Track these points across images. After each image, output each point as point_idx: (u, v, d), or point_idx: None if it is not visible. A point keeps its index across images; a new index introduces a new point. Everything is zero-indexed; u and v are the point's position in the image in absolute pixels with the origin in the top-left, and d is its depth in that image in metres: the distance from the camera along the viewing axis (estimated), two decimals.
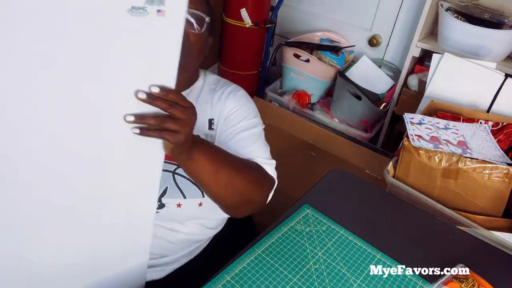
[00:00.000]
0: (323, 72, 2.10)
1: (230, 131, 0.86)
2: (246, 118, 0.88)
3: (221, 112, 0.88)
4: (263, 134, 0.90)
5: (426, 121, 1.14)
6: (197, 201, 0.84)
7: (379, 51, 2.23)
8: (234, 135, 0.85)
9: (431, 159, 1.02)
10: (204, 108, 0.88)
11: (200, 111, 0.86)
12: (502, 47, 1.63)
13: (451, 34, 1.68)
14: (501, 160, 1.00)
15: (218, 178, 0.71)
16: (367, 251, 0.82)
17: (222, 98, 0.89)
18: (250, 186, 0.77)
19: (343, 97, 2.02)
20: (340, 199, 0.97)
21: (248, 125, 0.87)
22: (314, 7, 2.34)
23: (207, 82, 0.93)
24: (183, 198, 0.83)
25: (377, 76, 2.14)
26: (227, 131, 0.86)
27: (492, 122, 1.17)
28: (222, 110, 0.88)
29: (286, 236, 0.83)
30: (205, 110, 0.88)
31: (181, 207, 0.83)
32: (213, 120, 0.88)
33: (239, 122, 0.87)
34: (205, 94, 0.91)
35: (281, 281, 0.72)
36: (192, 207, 0.84)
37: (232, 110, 0.88)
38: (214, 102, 0.89)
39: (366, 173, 1.66)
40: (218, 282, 0.71)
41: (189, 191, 0.83)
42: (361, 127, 2.03)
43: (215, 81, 0.95)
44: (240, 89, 0.94)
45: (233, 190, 0.74)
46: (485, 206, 1.01)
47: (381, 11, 2.14)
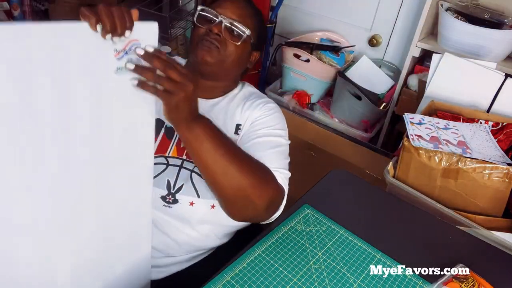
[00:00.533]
0: (323, 72, 2.10)
1: (250, 134, 0.87)
2: (269, 127, 0.89)
3: (248, 118, 0.91)
4: (285, 147, 0.88)
5: (426, 121, 1.14)
6: (210, 203, 0.85)
7: (379, 51, 2.23)
8: (251, 139, 0.86)
9: (431, 159, 1.02)
10: (234, 112, 0.92)
11: (229, 116, 0.91)
12: (502, 47, 1.63)
13: (451, 34, 1.68)
14: (501, 160, 1.00)
15: (216, 159, 0.71)
16: (367, 251, 0.82)
17: (253, 106, 0.92)
18: (250, 181, 0.73)
19: (343, 97, 2.02)
20: (340, 199, 0.97)
21: (269, 133, 0.87)
22: (314, 7, 2.34)
23: (243, 92, 0.98)
24: (197, 197, 0.84)
25: (377, 76, 2.14)
26: (248, 134, 0.88)
27: (492, 122, 1.17)
28: (250, 116, 0.91)
29: (286, 236, 0.83)
30: (235, 115, 0.91)
31: (193, 206, 0.84)
32: (241, 125, 0.91)
33: (261, 129, 0.88)
34: (237, 101, 0.94)
35: (281, 281, 0.72)
36: (204, 208, 0.85)
37: (258, 118, 0.90)
38: (245, 108, 0.92)
39: (366, 173, 1.66)
40: (218, 282, 0.71)
41: (203, 192, 0.84)
42: (361, 127, 2.03)
43: (250, 92, 0.99)
44: (273, 102, 0.97)
45: (231, 178, 0.72)
46: (485, 206, 1.01)
47: (381, 11, 2.14)
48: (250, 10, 0.91)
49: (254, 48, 0.94)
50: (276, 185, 0.78)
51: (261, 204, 0.75)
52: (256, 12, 0.93)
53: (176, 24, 2.45)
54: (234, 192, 0.73)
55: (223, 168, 0.71)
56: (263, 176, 0.77)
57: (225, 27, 0.86)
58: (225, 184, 0.73)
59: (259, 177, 0.75)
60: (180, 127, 0.69)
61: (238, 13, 0.87)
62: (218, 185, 0.74)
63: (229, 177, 0.72)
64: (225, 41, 0.86)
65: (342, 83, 2.00)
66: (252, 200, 0.74)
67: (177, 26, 2.45)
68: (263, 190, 0.75)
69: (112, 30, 0.56)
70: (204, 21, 0.87)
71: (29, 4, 2.03)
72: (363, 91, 1.94)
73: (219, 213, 0.82)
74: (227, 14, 0.86)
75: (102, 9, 0.55)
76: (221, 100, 0.94)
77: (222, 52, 0.86)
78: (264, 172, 0.78)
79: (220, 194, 0.75)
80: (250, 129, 0.89)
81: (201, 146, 0.70)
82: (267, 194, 0.75)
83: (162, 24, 2.30)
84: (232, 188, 0.73)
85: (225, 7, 0.87)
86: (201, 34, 0.86)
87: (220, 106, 0.93)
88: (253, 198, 0.74)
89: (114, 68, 0.59)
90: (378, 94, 2.04)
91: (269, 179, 0.78)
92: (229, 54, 0.87)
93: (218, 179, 0.73)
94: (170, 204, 0.84)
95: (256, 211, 0.76)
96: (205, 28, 0.86)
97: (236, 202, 0.75)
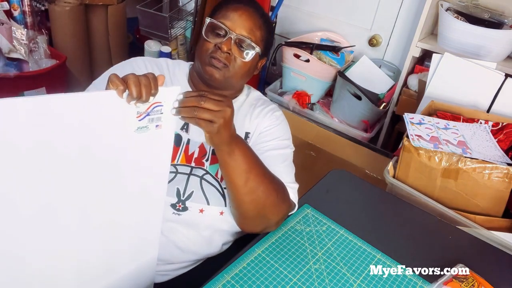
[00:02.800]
0: (323, 72, 2.10)
1: (261, 146, 0.89)
2: (278, 138, 0.91)
3: (257, 127, 0.92)
4: (291, 156, 0.92)
5: (426, 121, 1.14)
6: (219, 209, 0.86)
7: (379, 51, 2.23)
8: (263, 151, 0.87)
9: (431, 159, 1.02)
10: (243, 121, 0.92)
11: (238, 124, 0.90)
12: (502, 47, 1.63)
13: (451, 34, 1.68)
14: (501, 160, 1.00)
15: (248, 180, 0.75)
16: (367, 251, 0.82)
17: (261, 115, 0.94)
18: (272, 200, 0.78)
19: (343, 97, 2.01)
20: (340, 199, 0.97)
21: (279, 145, 0.90)
22: (314, 7, 2.34)
23: (249, 98, 0.98)
24: (206, 205, 0.85)
25: (377, 76, 2.14)
26: (258, 145, 0.89)
27: (492, 122, 1.17)
28: (259, 125, 0.92)
29: (286, 236, 0.83)
30: (243, 123, 0.92)
31: (203, 213, 0.85)
32: (249, 133, 0.92)
33: (271, 140, 0.90)
34: (245, 108, 0.95)
35: (281, 281, 0.72)
36: (213, 215, 0.86)
37: (267, 127, 0.92)
38: (253, 117, 0.93)
39: (366, 173, 1.66)
40: (218, 282, 0.71)
41: (213, 199, 0.85)
42: (361, 127, 2.03)
43: (257, 98, 0.99)
44: (279, 109, 0.99)
45: (256, 199, 0.77)
46: (485, 206, 1.01)
47: (381, 11, 2.14)
48: (259, 20, 0.88)
49: (262, 57, 0.93)
50: (289, 202, 0.84)
51: (275, 220, 0.82)
52: (265, 21, 0.90)
53: (176, 24, 2.45)
54: (255, 210, 0.78)
55: (252, 188, 0.76)
56: (282, 196, 0.82)
57: (235, 43, 0.85)
58: (250, 202, 0.77)
59: (280, 197, 0.81)
60: (221, 150, 0.72)
61: (248, 27, 0.85)
62: (244, 203, 0.78)
63: (256, 196, 0.76)
64: (234, 58, 0.85)
65: (342, 83, 1.99)
66: (268, 217, 0.80)
67: (177, 26, 2.45)
68: (280, 208, 0.81)
69: (138, 97, 0.58)
70: (212, 34, 0.86)
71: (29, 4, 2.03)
72: (363, 91, 1.94)
73: (227, 220, 0.86)
74: (236, 29, 0.84)
75: (131, 78, 0.57)
76: None
77: (231, 69, 0.86)
78: (283, 191, 0.82)
79: (242, 210, 0.79)
80: (259, 139, 0.90)
81: (238, 167, 0.74)
82: (282, 211, 0.82)
83: (162, 24, 2.30)
84: (256, 206, 0.78)
85: (233, 20, 0.85)
86: (210, 50, 0.85)
87: None
88: (270, 216, 0.80)
89: (135, 127, 0.62)
90: (378, 94, 2.04)
91: (286, 198, 0.83)
92: (238, 70, 0.87)
93: (245, 198, 0.77)
94: (179, 211, 0.84)
95: (268, 226, 0.82)
96: (214, 43, 0.85)
97: (254, 219, 0.81)
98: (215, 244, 0.90)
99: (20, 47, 1.89)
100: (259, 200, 0.77)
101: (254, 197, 0.76)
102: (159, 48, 2.42)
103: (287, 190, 0.84)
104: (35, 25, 2.06)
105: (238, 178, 0.75)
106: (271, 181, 0.79)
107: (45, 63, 1.97)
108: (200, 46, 0.88)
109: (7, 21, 1.90)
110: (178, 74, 0.95)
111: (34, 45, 1.97)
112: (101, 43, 2.41)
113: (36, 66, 1.93)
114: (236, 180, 0.75)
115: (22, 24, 2.01)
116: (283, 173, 0.85)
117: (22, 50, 1.89)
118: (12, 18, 1.98)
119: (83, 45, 2.29)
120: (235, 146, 0.73)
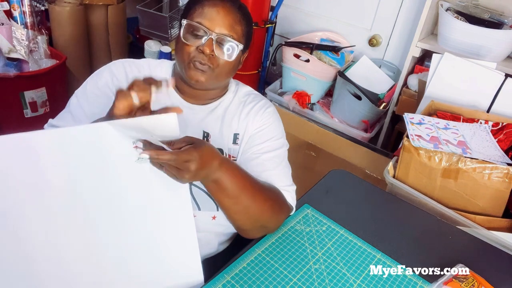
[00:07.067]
0: (323, 72, 2.10)
1: (254, 150, 0.85)
2: (272, 138, 0.87)
3: (247, 128, 0.87)
4: (286, 155, 0.89)
5: (426, 121, 1.14)
6: (211, 214, 0.85)
7: (379, 51, 2.23)
8: (257, 156, 0.84)
9: (431, 159, 1.02)
10: (231, 121, 0.88)
11: (226, 125, 0.87)
12: (502, 47, 1.63)
13: (451, 34, 1.68)
14: (501, 160, 1.00)
15: (238, 202, 0.73)
16: (367, 251, 0.82)
17: (251, 114, 0.88)
18: (267, 214, 0.78)
19: (343, 97, 2.01)
20: (340, 199, 0.97)
21: (273, 146, 0.86)
22: (314, 7, 2.34)
23: (238, 95, 0.92)
24: (197, 210, 0.84)
25: (377, 76, 2.14)
26: (251, 149, 0.85)
27: (492, 122, 1.17)
28: (249, 126, 0.87)
29: (286, 236, 0.83)
30: (231, 124, 0.88)
31: (195, 219, 0.83)
32: (238, 135, 0.88)
33: (264, 142, 0.86)
34: (233, 107, 0.90)
35: (281, 281, 0.72)
36: (205, 220, 0.85)
37: (258, 129, 0.87)
38: (242, 117, 0.88)
39: (366, 173, 1.66)
40: (218, 282, 0.71)
41: (204, 204, 0.84)
42: (361, 127, 2.03)
43: (246, 93, 0.94)
44: (270, 105, 0.92)
45: (250, 215, 0.76)
46: (485, 206, 1.01)
47: (381, 11, 2.14)
48: (238, 14, 0.81)
49: (244, 51, 0.87)
50: (287, 207, 0.83)
51: (274, 227, 0.83)
52: (244, 13, 0.83)
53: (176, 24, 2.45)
54: (251, 224, 0.78)
55: (245, 207, 0.74)
56: (278, 206, 0.81)
57: (216, 43, 0.79)
58: (245, 219, 0.77)
59: (277, 207, 0.80)
60: (206, 182, 0.71)
61: (228, 24, 0.79)
62: (238, 220, 0.77)
63: (250, 214, 0.76)
64: (217, 58, 0.79)
65: (342, 83, 1.99)
66: (266, 226, 0.81)
67: (177, 26, 2.45)
68: (278, 217, 0.82)
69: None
70: (191, 36, 0.79)
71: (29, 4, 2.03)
72: (363, 91, 1.94)
73: (220, 223, 0.85)
74: (215, 29, 0.78)
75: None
76: (217, 106, 0.89)
77: (216, 70, 0.80)
78: (278, 201, 0.81)
79: (237, 225, 0.79)
80: (251, 142, 0.86)
81: (226, 193, 0.72)
82: (280, 220, 0.83)
83: (162, 24, 2.30)
84: (251, 222, 0.78)
85: (211, 19, 0.78)
86: (191, 54, 0.79)
87: (216, 114, 0.89)
88: (267, 225, 0.81)
89: (135, 158, 0.65)
90: (378, 94, 2.04)
91: (283, 206, 0.82)
92: (223, 70, 0.81)
93: (238, 216, 0.76)
94: None
95: (267, 232, 0.83)
96: (195, 46, 0.79)
97: (251, 230, 0.80)
98: (211, 245, 0.90)
99: (20, 47, 1.89)
100: (254, 216, 0.76)
101: (248, 215, 0.75)
102: (159, 48, 2.42)
103: (284, 196, 0.82)
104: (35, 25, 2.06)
105: (229, 201, 0.73)
106: (265, 195, 0.77)
107: (45, 63, 1.97)
108: (180, 49, 0.81)
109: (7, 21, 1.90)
110: (160, 75, 0.89)
111: (34, 45, 1.97)
112: (101, 43, 2.41)
113: (36, 66, 1.93)
114: (227, 203, 0.73)
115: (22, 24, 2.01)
116: (279, 177, 0.83)
117: (22, 50, 1.88)
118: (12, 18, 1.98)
119: (83, 45, 2.30)
120: (220, 174, 0.69)
